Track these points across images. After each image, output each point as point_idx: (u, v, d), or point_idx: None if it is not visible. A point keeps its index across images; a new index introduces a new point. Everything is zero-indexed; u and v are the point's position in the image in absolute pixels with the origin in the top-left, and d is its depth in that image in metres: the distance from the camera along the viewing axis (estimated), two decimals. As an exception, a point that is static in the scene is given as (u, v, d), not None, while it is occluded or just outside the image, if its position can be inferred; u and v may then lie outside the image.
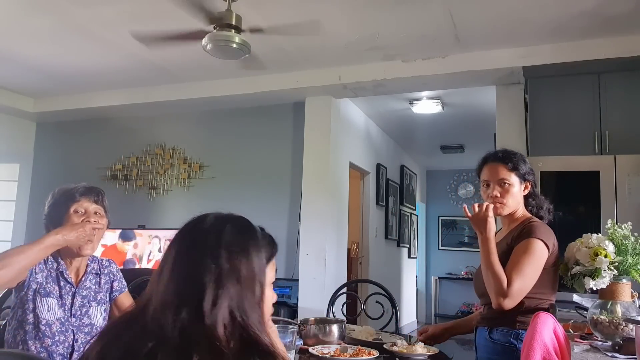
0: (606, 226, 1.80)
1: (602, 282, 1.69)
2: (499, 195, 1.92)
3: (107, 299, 1.90)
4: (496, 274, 1.77)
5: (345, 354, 1.79)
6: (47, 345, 1.71)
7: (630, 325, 1.59)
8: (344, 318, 2.75)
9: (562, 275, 1.87)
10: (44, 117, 5.69)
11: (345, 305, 3.15)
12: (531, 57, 3.66)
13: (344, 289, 3.15)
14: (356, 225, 5.80)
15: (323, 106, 4.60)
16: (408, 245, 7.75)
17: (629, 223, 1.79)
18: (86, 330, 1.78)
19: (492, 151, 2.06)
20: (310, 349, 1.81)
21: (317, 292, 4.32)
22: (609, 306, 1.70)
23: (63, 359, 1.71)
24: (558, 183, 3.38)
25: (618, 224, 1.79)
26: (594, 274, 1.70)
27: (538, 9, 3.17)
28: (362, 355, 1.77)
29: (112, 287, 1.92)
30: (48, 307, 1.75)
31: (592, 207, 3.20)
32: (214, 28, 3.06)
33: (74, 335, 1.74)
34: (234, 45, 2.99)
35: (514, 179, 1.93)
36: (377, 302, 2.83)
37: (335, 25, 3.48)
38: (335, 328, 1.98)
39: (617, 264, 1.70)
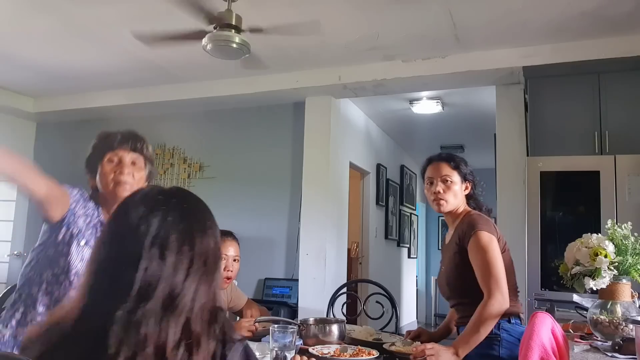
0: (606, 226, 1.80)
1: (602, 282, 1.69)
2: (441, 191, 2.01)
3: None
4: (488, 324, 1.77)
5: (345, 354, 1.79)
6: (72, 296, 1.61)
7: (630, 325, 1.59)
8: (344, 318, 2.74)
9: (562, 275, 1.87)
10: (44, 117, 5.69)
11: (345, 305, 3.15)
12: (531, 57, 3.65)
13: (344, 289, 3.14)
14: (356, 225, 5.80)
15: (323, 106, 4.60)
16: (408, 245, 7.75)
17: (629, 223, 1.79)
18: None
19: (436, 153, 2.17)
20: (310, 349, 1.81)
21: (317, 292, 4.32)
22: (609, 306, 1.71)
23: None
24: (558, 183, 3.38)
25: (618, 224, 1.79)
26: (594, 274, 1.70)
27: (538, 9, 3.17)
28: (362, 355, 1.77)
29: None
30: (82, 256, 1.65)
31: (592, 207, 3.20)
32: (214, 28, 3.06)
33: None
34: (234, 45, 2.98)
35: (455, 177, 2.03)
36: (377, 302, 2.83)
37: (335, 25, 3.48)
38: (335, 328, 1.98)
39: (617, 264, 1.71)
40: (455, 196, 2.03)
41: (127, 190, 1.71)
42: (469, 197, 2.09)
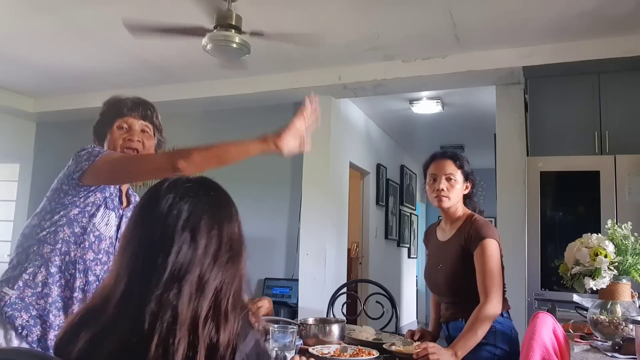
0: (606, 226, 1.80)
1: (602, 282, 1.69)
2: (445, 188, 2.04)
3: None
4: (486, 325, 1.84)
5: (345, 354, 1.79)
6: (88, 259, 1.57)
7: (630, 325, 1.59)
8: (344, 318, 2.74)
9: (562, 275, 1.87)
10: (44, 117, 5.69)
11: (345, 305, 3.14)
12: (531, 57, 3.65)
13: (344, 289, 3.14)
14: (356, 225, 5.80)
15: (323, 106, 4.53)
16: (408, 245, 7.75)
17: (629, 223, 1.79)
18: None
19: (440, 150, 2.20)
20: (310, 349, 1.81)
21: (317, 292, 4.32)
22: (609, 306, 1.70)
23: (97, 280, 1.59)
24: (558, 183, 3.38)
25: (618, 224, 1.79)
26: (594, 274, 1.70)
27: (538, 9, 3.17)
28: (362, 355, 1.77)
29: None
30: (107, 221, 1.61)
31: (592, 207, 3.20)
32: (214, 28, 3.06)
33: None
34: (234, 45, 2.99)
35: (459, 176, 2.07)
36: (377, 302, 2.83)
37: (335, 25, 3.48)
38: (335, 328, 1.98)
39: (617, 264, 1.70)
40: (457, 195, 2.07)
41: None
42: (466, 197, 2.12)
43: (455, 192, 2.06)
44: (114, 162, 1.58)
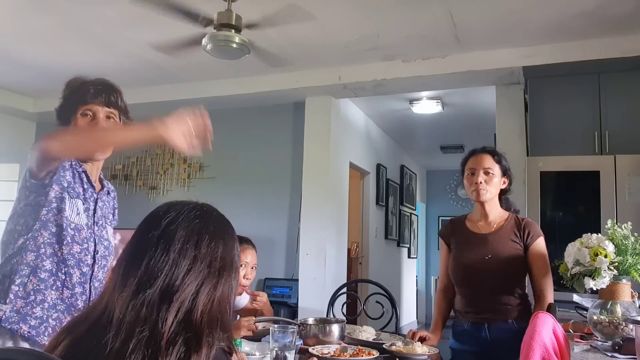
0: (606, 226, 1.80)
1: (602, 282, 1.69)
2: (483, 181, 2.08)
3: (112, 221, 1.75)
4: None
5: (345, 354, 1.79)
6: (75, 252, 1.53)
7: (630, 325, 1.59)
8: (344, 318, 2.74)
9: (562, 275, 1.87)
10: (44, 117, 5.68)
11: (345, 305, 3.15)
12: (531, 57, 3.65)
13: (344, 289, 3.14)
14: (356, 225, 5.80)
15: (323, 106, 4.60)
16: (408, 245, 7.75)
17: (629, 223, 1.79)
18: (105, 244, 1.63)
19: (480, 146, 2.24)
20: (310, 349, 1.81)
21: (317, 292, 4.32)
22: (609, 306, 1.71)
23: (90, 270, 1.57)
24: (558, 183, 3.38)
25: (618, 224, 1.79)
26: (594, 274, 1.70)
27: (538, 9, 3.17)
28: (362, 355, 1.77)
29: (113, 214, 1.77)
30: (77, 209, 1.55)
31: (592, 207, 3.20)
32: (214, 28, 3.06)
33: (95, 245, 1.59)
34: (234, 45, 2.99)
35: (497, 170, 2.12)
36: (377, 302, 2.83)
37: (335, 25, 3.48)
38: (335, 328, 1.98)
39: (617, 264, 1.71)
40: (495, 188, 2.11)
41: None
42: (502, 193, 2.16)
43: (493, 185, 2.10)
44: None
